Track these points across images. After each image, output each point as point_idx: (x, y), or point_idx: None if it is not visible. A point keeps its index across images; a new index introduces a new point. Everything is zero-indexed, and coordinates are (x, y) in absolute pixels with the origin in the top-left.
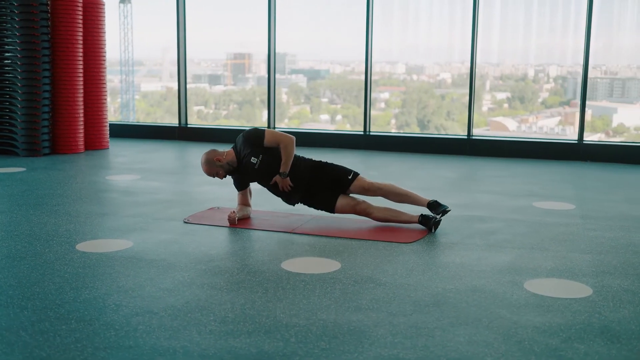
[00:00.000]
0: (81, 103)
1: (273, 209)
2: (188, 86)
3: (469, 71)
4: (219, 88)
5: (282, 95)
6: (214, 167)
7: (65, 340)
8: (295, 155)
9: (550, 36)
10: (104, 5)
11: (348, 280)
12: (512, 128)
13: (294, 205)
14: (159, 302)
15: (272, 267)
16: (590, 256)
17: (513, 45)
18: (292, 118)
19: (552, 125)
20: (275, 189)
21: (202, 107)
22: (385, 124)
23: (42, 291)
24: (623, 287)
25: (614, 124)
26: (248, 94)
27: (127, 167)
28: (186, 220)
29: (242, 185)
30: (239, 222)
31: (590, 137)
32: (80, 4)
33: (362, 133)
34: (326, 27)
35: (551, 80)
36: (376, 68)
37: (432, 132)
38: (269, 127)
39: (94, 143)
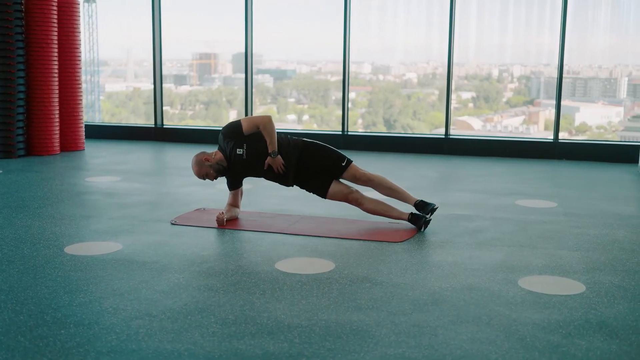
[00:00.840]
0: (56, 104)
1: (260, 209)
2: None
3: (440, 71)
4: (184, 88)
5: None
6: (203, 168)
7: (66, 344)
8: (283, 135)
9: (514, 36)
10: (78, 5)
11: (344, 280)
12: (477, 127)
13: (292, 186)
14: (156, 305)
15: (266, 268)
16: (579, 253)
17: (477, 45)
18: None
19: (516, 125)
20: (269, 174)
21: (167, 108)
22: (352, 124)
23: (36, 295)
24: (614, 283)
25: (577, 122)
26: (214, 94)
27: (105, 169)
28: (173, 222)
29: (234, 185)
30: (227, 223)
31: (549, 136)
32: (55, 4)
33: (340, 133)
34: (292, 27)
35: (515, 79)
36: (341, 68)
37: (400, 131)
38: None
39: (69, 144)
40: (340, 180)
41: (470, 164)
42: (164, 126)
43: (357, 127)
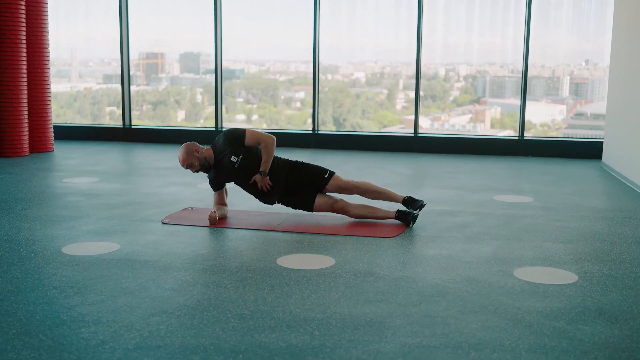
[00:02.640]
0: (26, 105)
1: (246, 208)
2: (99, 87)
3: (388, 70)
4: (131, 88)
5: (197, 95)
6: (191, 157)
7: (91, 342)
8: (274, 157)
9: (460, 36)
10: (47, 4)
11: (348, 275)
12: (425, 126)
13: (271, 204)
14: (170, 302)
15: (268, 264)
16: (564, 245)
17: (425, 45)
18: (208, 118)
19: (463, 123)
20: (252, 188)
21: (114, 108)
22: (301, 123)
23: (45, 295)
24: (603, 272)
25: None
26: (162, 94)
27: (80, 170)
28: (164, 221)
29: (218, 186)
30: (218, 221)
31: (500, 133)
32: (23, 3)
33: (311, 132)
34: (241, 26)
35: (461, 79)
36: (291, 68)
37: (349, 129)
38: (216, 125)
39: (38, 145)
40: (325, 192)
41: (440, 161)
42: (132, 126)
43: (307, 126)
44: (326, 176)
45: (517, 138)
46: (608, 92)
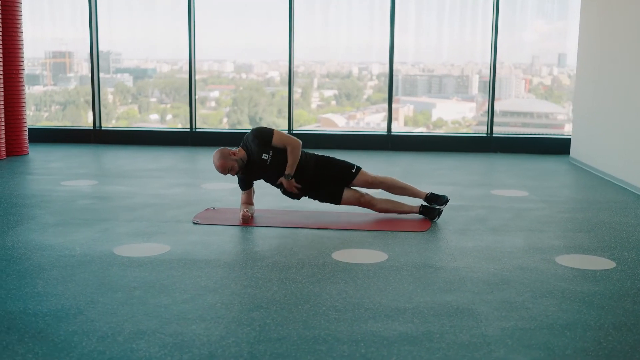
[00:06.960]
0: (2, 107)
1: (265, 206)
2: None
3: (302, 69)
4: (38, 89)
5: (108, 95)
6: (229, 161)
7: (211, 338)
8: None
9: (374, 36)
10: (20, 4)
11: (408, 267)
12: (341, 124)
13: (299, 199)
14: (259, 298)
15: (326, 260)
16: (584, 234)
17: (337, 44)
18: (120, 118)
19: (378, 121)
20: (281, 187)
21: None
22: (217, 123)
23: (131, 296)
24: (634, 258)
25: (434, 118)
26: (71, 94)
27: (69, 173)
28: (196, 222)
29: (247, 185)
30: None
31: (415, 130)
32: None
33: (286, 131)
34: (150, 25)
35: (374, 77)
36: (204, 67)
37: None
38: (191, 126)
39: (14, 149)
40: (351, 186)
41: (418, 158)
42: (103, 128)
43: (223, 125)
44: (354, 171)
45: (485, 135)
46: (575, 92)
